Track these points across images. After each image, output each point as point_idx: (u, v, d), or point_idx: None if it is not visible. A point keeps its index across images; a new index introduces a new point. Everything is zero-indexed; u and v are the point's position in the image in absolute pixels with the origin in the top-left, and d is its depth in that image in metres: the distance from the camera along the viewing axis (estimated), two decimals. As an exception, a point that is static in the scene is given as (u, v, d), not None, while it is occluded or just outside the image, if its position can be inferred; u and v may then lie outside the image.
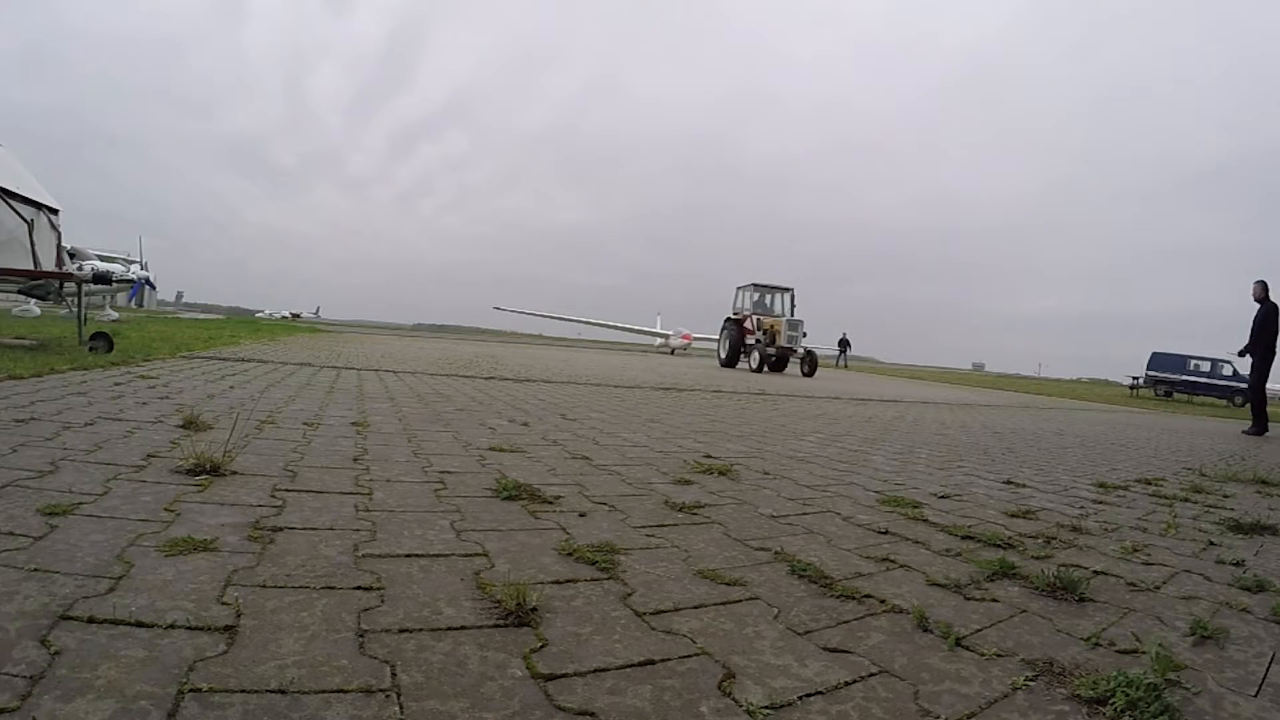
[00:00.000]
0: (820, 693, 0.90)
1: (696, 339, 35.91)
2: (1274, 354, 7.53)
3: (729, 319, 19.12)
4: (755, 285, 18.67)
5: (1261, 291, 7.64)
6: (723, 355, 19.02)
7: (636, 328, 49.50)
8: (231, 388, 3.86)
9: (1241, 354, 8.05)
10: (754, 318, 17.87)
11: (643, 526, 1.65)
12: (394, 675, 0.85)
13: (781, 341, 16.41)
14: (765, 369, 16.04)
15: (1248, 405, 8.54)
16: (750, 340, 17.59)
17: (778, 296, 18.82)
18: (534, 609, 1.07)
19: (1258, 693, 1.01)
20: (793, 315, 17.56)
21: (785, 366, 16.85)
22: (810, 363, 16.28)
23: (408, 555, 1.29)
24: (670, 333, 37.42)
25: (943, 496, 2.38)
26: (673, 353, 33.93)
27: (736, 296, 19.55)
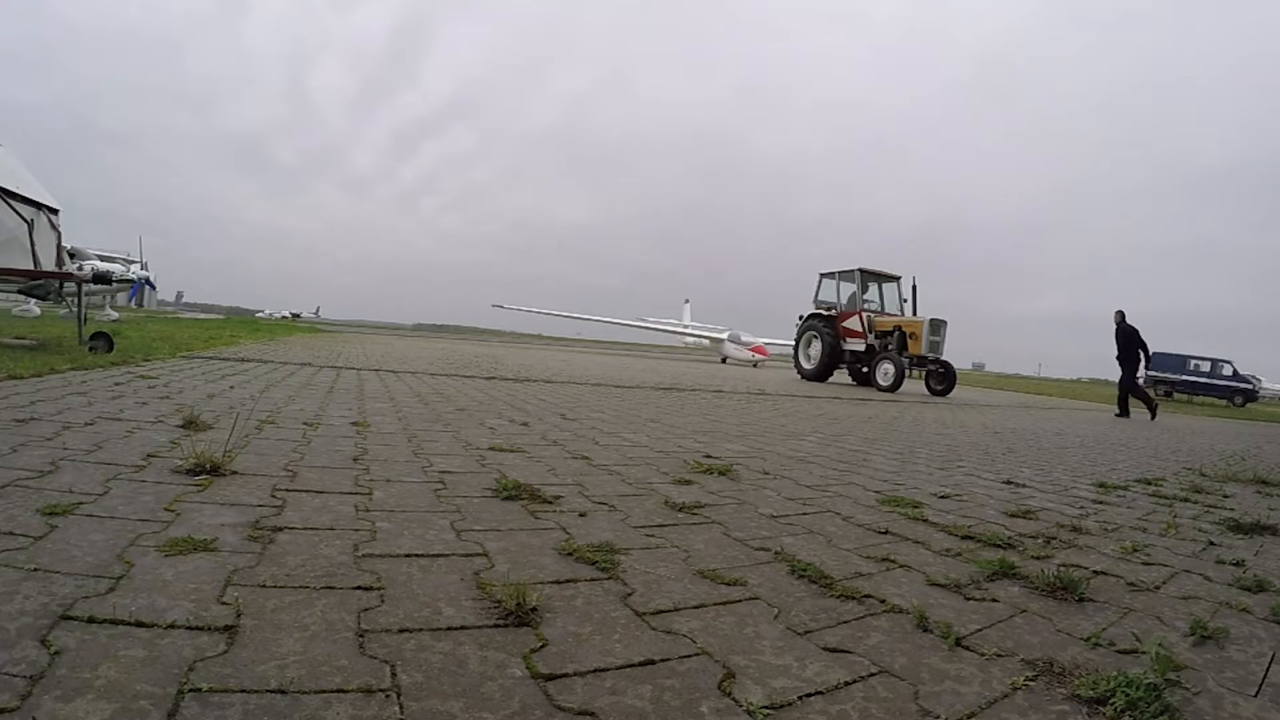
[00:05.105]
0: (820, 693, 0.90)
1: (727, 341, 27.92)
2: (1138, 361, 10.72)
3: (814, 315, 14.22)
4: (862, 271, 13.60)
5: (1120, 319, 10.70)
6: (808, 365, 14.02)
7: (662, 325, 39.37)
8: (231, 388, 3.86)
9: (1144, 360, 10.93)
10: (863, 315, 13.16)
11: (643, 526, 1.65)
12: (394, 675, 0.85)
13: (921, 349, 11.88)
14: (899, 385, 11.83)
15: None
16: (853, 345, 13.25)
17: (885, 288, 14.01)
18: (534, 609, 1.07)
19: (1258, 693, 1.01)
20: (915, 310, 13.14)
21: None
22: (948, 377, 12.20)
23: (408, 555, 1.29)
24: (722, 334, 29.32)
25: (943, 496, 2.38)
26: (724, 360, 26.97)
27: (823, 286, 14.55)
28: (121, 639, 0.88)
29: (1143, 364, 10.95)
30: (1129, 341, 10.61)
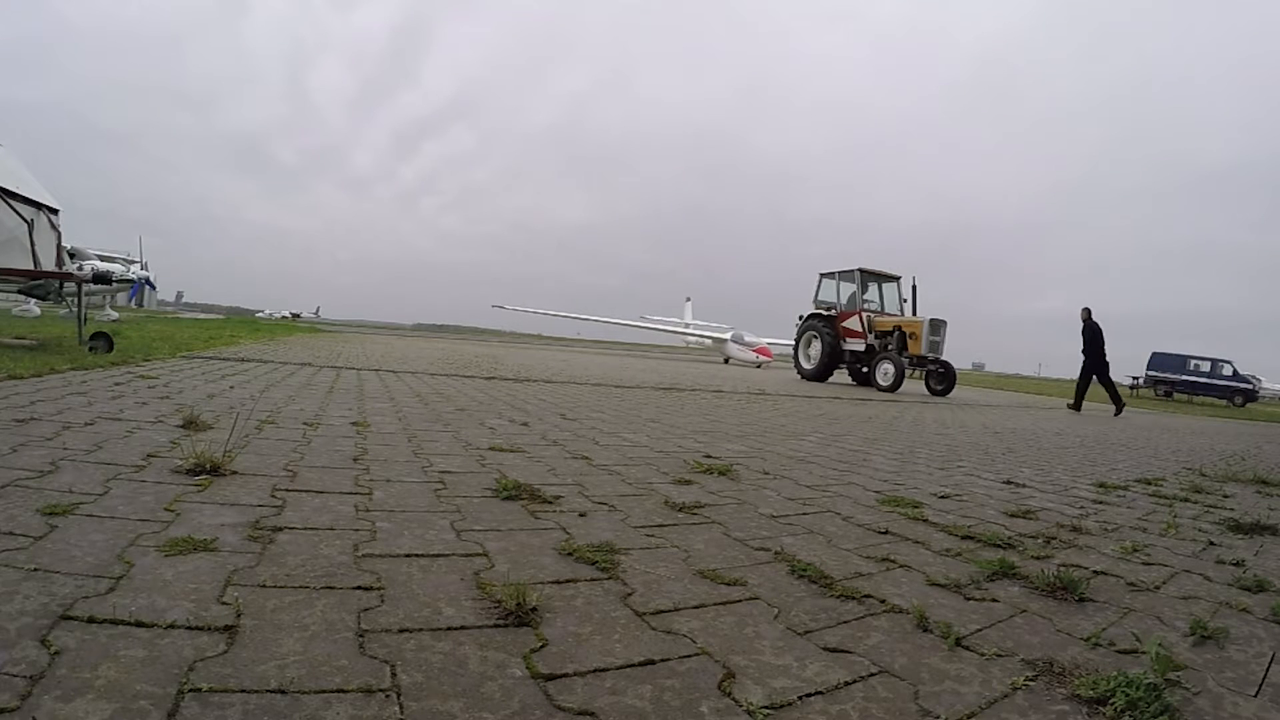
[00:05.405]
0: (820, 693, 0.90)
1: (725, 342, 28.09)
2: (1103, 359, 10.99)
3: (814, 315, 14.27)
4: (862, 271, 13.63)
5: (1086, 315, 10.98)
6: (808, 365, 14.07)
7: (664, 324, 39.14)
8: (231, 388, 3.86)
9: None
10: (863, 315, 13.21)
11: (643, 526, 1.65)
12: (394, 675, 0.85)
13: (921, 349, 11.90)
14: (899, 385, 11.85)
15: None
16: (853, 345, 13.28)
17: (885, 288, 14.01)
18: (534, 609, 1.07)
19: (1258, 693, 1.01)
20: (915, 310, 13.18)
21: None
22: (948, 377, 12.23)
23: (408, 555, 1.29)
24: (725, 334, 29.47)
25: (943, 496, 2.37)
26: (727, 361, 27.05)
27: (823, 286, 14.57)
28: (121, 639, 0.88)
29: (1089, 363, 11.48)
30: (1094, 337, 10.98)
